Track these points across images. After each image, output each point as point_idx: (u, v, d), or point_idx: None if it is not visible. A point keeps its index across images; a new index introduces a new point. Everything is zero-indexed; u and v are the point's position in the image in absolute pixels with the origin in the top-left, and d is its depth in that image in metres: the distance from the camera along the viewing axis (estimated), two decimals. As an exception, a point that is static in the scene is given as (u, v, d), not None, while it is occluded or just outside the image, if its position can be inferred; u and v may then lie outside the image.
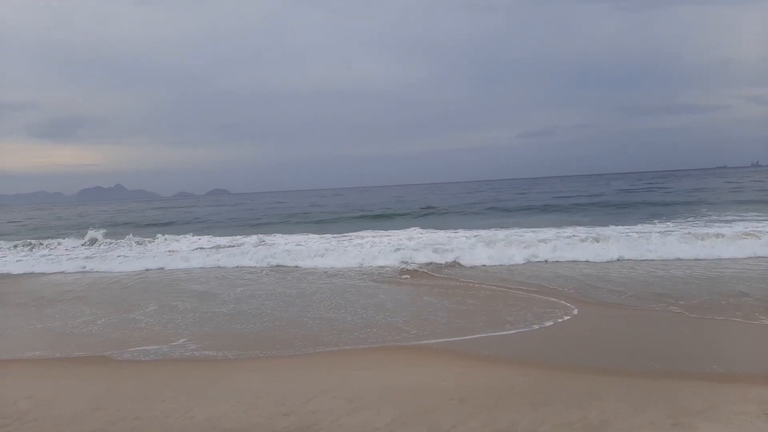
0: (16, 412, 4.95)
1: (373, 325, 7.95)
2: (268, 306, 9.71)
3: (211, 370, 6.27)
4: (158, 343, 7.54)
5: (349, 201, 57.41)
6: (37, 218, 55.27)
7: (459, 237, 16.86)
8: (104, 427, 4.54)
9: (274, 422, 4.53)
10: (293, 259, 14.84)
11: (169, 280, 13.44)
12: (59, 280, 14.67)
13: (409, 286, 11.17)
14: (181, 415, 4.77)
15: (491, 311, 8.43)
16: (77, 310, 10.09)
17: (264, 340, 7.54)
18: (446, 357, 6.36)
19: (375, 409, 4.71)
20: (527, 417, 4.47)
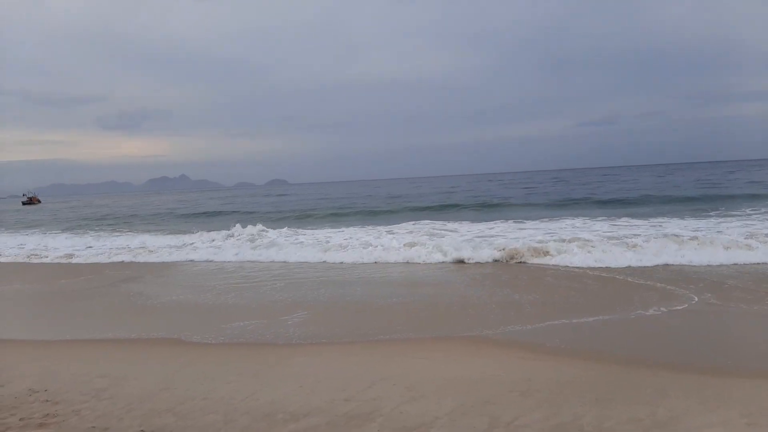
0: (92, 389, 5.22)
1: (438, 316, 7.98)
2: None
3: (274, 354, 6.42)
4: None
5: (442, 191, 55.10)
6: (150, 206, 55.85)
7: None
8: (173, 406, 4.72)
9: (335, 407, 4.60)
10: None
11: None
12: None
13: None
14: (246, 397, 4.91)
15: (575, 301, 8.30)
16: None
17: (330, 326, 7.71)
18: (508, 348, 6.29)
19: (435, 399, 4.71)
20: (592, 411, 4.36)
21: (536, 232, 16.81)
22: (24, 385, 5.39)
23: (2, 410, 4.71)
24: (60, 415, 4.57)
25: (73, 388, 5.26)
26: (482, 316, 7.82)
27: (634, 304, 8.01)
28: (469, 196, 41.49)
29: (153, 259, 16.28)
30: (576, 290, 9.26)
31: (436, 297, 9.34)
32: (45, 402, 4.90)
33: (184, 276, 12.98)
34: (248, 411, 4.57)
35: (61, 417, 4.53)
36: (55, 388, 5.24)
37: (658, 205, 26.03)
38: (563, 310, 7.85)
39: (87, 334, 7.91)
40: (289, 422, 4.32)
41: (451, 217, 23.63)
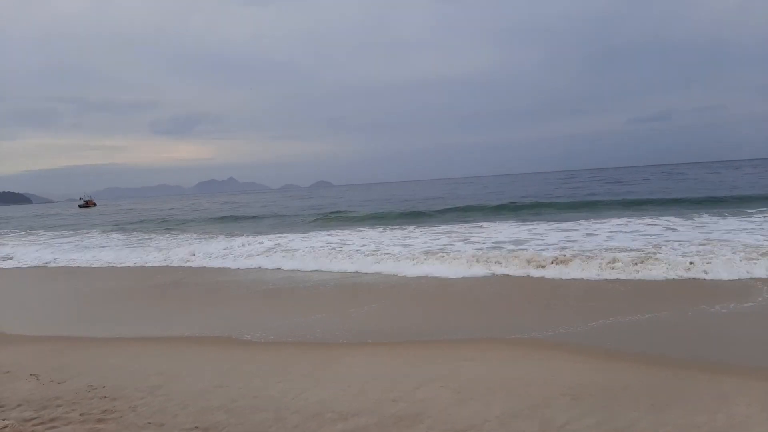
0: (148, 386, 5.39)
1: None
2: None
3: (322, 354, 6.49)
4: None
5: (491, 190, 54.03)
6: (228, 208, 55.46)
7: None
8: (226, 404, 4.83)
9: (383, 407, 4.61)
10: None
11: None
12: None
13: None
14: (295, 396, 4.98)
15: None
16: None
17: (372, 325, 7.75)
18: (557, 351, 6.17)
19: (484, 401, 4.67)
20: (647, 417, 4.24)
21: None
22: (84, 381, 5.61)
23: (63, 405, 4.90)
24: (118, 411, 4.74)
25: (130, 384, 5.44)
26: (531, 317, 7.72)
27: (694, 301, 7.77)
28: (554, 194, 39.81)
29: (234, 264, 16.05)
30: (630, 287, 9.03)
31: (483, 297, 9.27)
32: (103, 398, 5.08)
33: (250, 280, 13.19)
34: (298, 410, 4.63)
35: (118, 413, 4.68)
36: (113, 385, 5.44)
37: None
38: (615, 309, 7.67)
39: (144, 332, 8.17)
40: (338, 422, 4.36)
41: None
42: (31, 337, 8.12)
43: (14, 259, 19.62)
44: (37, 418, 4.60)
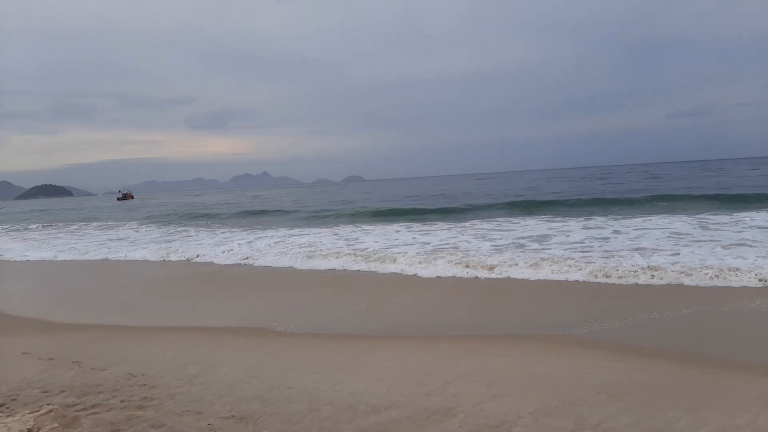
0: (186, 375, 5.51)
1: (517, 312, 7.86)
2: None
3: (355, 347, 6.54)
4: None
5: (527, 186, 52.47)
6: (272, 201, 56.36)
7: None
8: (261, 394, 4.91)
9: (415, 401, 4.62)
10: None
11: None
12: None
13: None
14: (329, 388, 5.03)
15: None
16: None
17: (404, 320, 7.78)
18: (592, 348, 6.08)
19: (517, 397, 4.64)
20: (686, 417, 4.16)
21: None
22: (124, 369, 5.76)
23: (104, 392, 5.05)
24: (156, 398, 4.86)
25: (168, 373, 5.57)
26: (565, 314, 7.64)
27: (733, 299, 7.59)
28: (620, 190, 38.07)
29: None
30: (665, 283, 8.85)
31: (517, 293, 9.20)
32: (143, 386, 5.21)
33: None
34: (331, 401, 4.68)
35: (157, 400, 4.80)
36: (152, 373, 5.58)
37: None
38: (652, 306, 7.52)
39: (181, 322, 8.37)
40: (371, 414, 4.39)
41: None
42: (73, 325, 8.38)
43: (53, 250, 20.20)
44: (79, 403, 4.74)
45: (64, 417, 4.34)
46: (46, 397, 4.93)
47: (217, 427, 4.19)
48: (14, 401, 4.84)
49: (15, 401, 4.84)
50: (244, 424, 4.26)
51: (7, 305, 10.22)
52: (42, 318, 9.03)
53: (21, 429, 4.05)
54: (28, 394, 5.06)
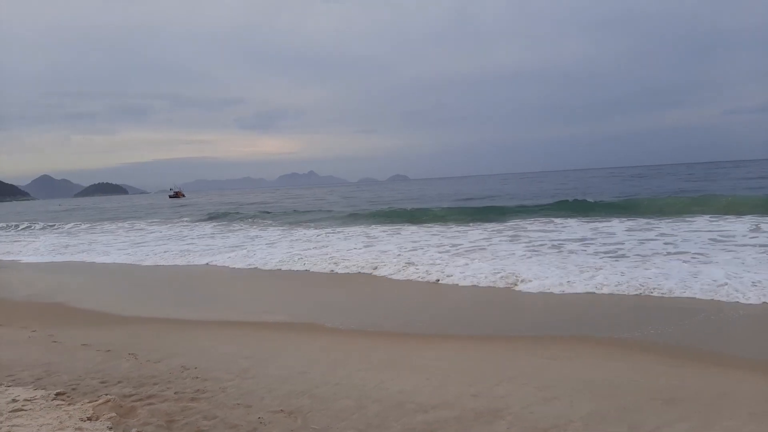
0: (238, 369, 5.62)
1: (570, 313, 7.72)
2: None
3: (402, 345, 6.55)
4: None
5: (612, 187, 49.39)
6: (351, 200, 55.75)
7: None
8: (310, 389, 4.96)
9: (463, 402, 4.58)
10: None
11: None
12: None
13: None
14: (376, 386, 5.04)
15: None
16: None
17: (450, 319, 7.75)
18: (647, 352, 5.91)
19: (568, 401, 4.54)
20: (747, 427, 3.98)
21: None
22: (178, 362, 5.92)
23: (159, 384, 5.20)
24: (209, 391, 4.97)
25: (220, 366, 5.69)
26: (617, 316, 7.45)
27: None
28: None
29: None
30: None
31: (566, 294, 9.02)
32: (195, 378, 5.34)
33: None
34: (379, 399, 4.69)
35: (209, 393, 4.91)
36: (204, 366, 5.71)
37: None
38: (711, 309, 7.26)
39: (232, 317, 8.56)
40: (419, 413, 4.38)
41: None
42: (130, 318, 8.69)
43: (110, 247, 20.93)
44: (135, 394, 4.90)
45: (121, 407, 4.49)
46: (104, 387, 5.11)
47: (266, 420, 4.26)
48: (74, 390, 5.03)
49: (75, 390, 5.03)
50: (293, 418, 4.31)
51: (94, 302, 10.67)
52: (101, 311, 9.39)
53: (81, 417, 4.21)
54: (88, 384, 5.25)
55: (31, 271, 16.06)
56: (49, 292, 11.72)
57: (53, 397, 4.75)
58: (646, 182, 51.31)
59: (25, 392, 4.88)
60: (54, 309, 9.78)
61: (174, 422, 4.22)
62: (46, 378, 5.47)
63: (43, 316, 9.07)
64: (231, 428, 4.11)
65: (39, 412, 4.34)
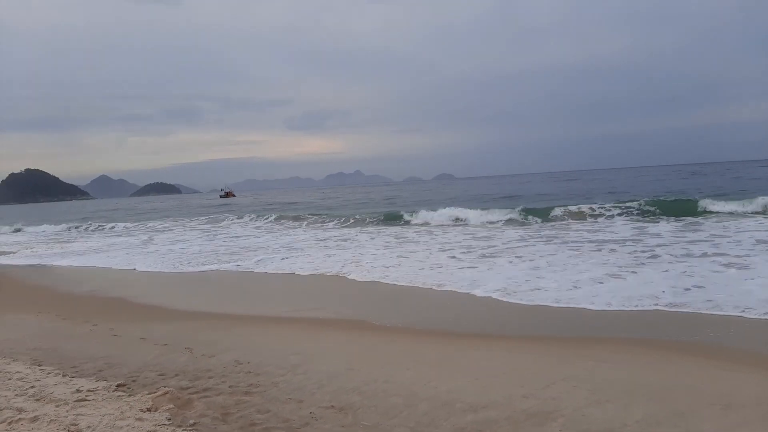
0: (288, 364, 5.74)
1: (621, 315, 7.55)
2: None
3: (450, 344, 6.55)
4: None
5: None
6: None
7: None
8: (359, 386, 5.02)
9: (513, 402, 4.55)
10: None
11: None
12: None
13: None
14: (425, 384, 5.05)
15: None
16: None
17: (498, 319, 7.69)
18: (703, 356, 5.72)
19: (622, 404, 4.45)
20: (814, 436, 3.82)
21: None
22: (231, 356, 6.08)
23: (214, 377, 5.36)
24: (261, 385, 5.09)
25: (271, 362, 5.82)
26: (672, 318, 7.23)
27: None
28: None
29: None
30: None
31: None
32: (248, 373, 5.48)
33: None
34: (428, 398, 4.70)
35: (262, 387, 5.04)
36: (256, 361, 5.85)
37: None
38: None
39: (282, 313, 8.73)
40: (468, 412, 4.37)
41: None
42: (185, 313, 8.98)
43: (179, 244, 21.59)
44: (192, 387, 5.07)
45: (178, 399, 4.65)
46: (162, 380, 5.31)
47: (318, 416, 4.34)
48: (134, 382, 5.25)
49: (135, 382, 5.24)
50: (343, 414, 4.38)
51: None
52: (157, 305, 9.74)
53: (141, 408, 4.38)
54: (146, 376, 5.46)
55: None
56: (111, 287, 12.21)
57: (114, 388, 4.96)
58: (712, 180, 48.78)
59: (88, 383, 5.12)
60: (114, 304, 10.19)
61: (229, 415, 4.35)
62: (107, 370, 5.72)
63: (104, 310, 9.46)
64: (284, 422, 4.21)
65: (101, 403, 4.54)
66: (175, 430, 3.91)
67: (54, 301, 10.74)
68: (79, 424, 3.95)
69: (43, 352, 6.55)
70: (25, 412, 4.22)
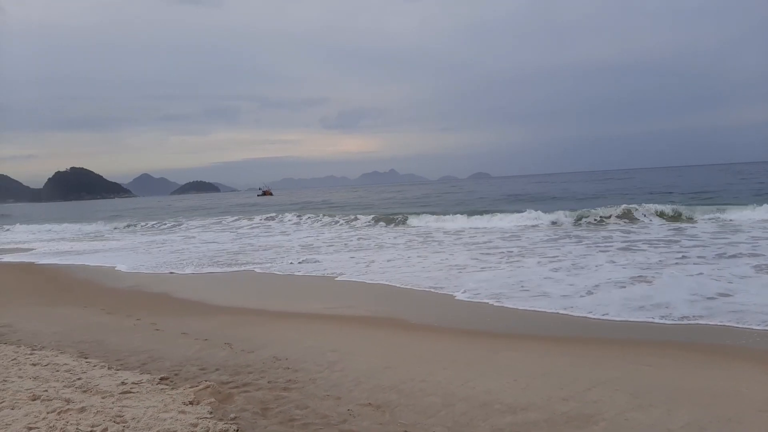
0: (325, 361, 5.79)
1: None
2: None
3: (486, 344, 6.50)
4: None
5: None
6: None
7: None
8: (396, 384, 5.03)
9: (553, 405, 4.48)
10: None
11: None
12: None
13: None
14: (462, 384, 5.03)
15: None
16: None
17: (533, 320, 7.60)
18: (752, 361, 5.53)
19: (665, 409, 4.34)
20: None
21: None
22: (269, 352, 6.17)
23: (254, 373, 5.44)
24: (300, 381, 5.15)
25: (309, 359, 5.88)
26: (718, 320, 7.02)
27: None
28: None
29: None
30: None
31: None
32: (287, 369, 5.55)
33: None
34: (465, 398, 4.68)
35: (300, 383, 5.09)
36: (294, 358, 5.92)
37: None
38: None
39: (318, 310, 8.82)
40: (507, 414, 4.33)
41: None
42: (224, 308, 9.15)
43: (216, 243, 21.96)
44: (232, 381, 5.16)
45: (219, 393, 4.75)
46: (203, 374, 5.42)
47: (356, 413, 4.36)
48: (177, 376, 5.37)
49: (177, 376, 5.37)
50: (381, 412, 4.39)
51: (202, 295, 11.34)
52: (199, 300, 9.95)
53: (183, 401, 4.48)
54: (188, 370, 5.58)
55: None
56: (152, 283, 12.51)
57: (158, 382, 5.09)
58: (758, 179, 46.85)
59: (133, 376, 5.26)
60: (156, 299, 10.44)
61: (269, 410, 4.41)
62: (151, 363, 5.87)
63: (147, 305, 9.70)
64: (322, 418, 4.24)
65: (145, 395, 4.66)
66: (217, 423, 3.98)
67: (99, 295, 11.06)
68: (124, 416, 4.06)
69: (89, 344, 6.76)
70: (72, 402, 4.36)
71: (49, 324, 8.13)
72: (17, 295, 11.43)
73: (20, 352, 6.18)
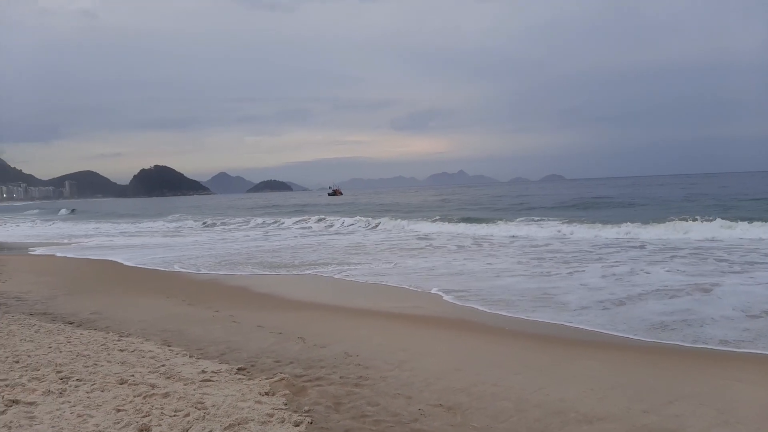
0: (395, 360, 5.81)
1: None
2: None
3: (559, 351, 6.33)
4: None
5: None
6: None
7: None
8: (467, 387, 4.97)
9: (632, 417, 4.31)
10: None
11: None
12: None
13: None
14: (535, 390, 4.91)
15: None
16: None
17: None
18: None
19: (754, 427, 4.08)
20: None
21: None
22: (341, 348, 6.25)
23: (326, 367, 5.54)
24: (371, 378, 5.19)
25: (379, 356, 5.92)
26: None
27: None
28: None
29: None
30: None
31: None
32: (358, 365, 5.61)
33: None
34: (539, 404, 4.57)
35: (371, 380, 5.13)
36: (365, 355, 5.98)
37: None
38: None
39: (387, 308, 8.89)
40: (583, 423, 4.20)
41: None
42: (297, 303, 9.38)
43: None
44: (305, 375, 5.26)
45: (293, 386, 4.86)
46: (278, 366, 5.56)
47: (427, 413, 4.35)
48: (253, 367, 5.54)
49: (254, 367, 5.53)
50: (452, 414, 4.36)
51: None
52: (273, 295, 10.23)
53: (260, 392, 4.62)
54: (264, 362, 5.74)
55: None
56: (229, 278, 12.96)
57: (235, 371, 5.27)
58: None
59: (212, 365, 5.47)
60: (234, 292, 10.82)
61: (341, 405, 4.48)
62: (229, 354, 6.08)
63: (225, 297, 10.06)
64: (393, 416, 4.26)
65: (224, 384, 4.84)
66: (291, 415, 4.08)
67: (180, 287, 11.58)
68: (204, 402, 4.24)
69: (172, 333, 7.08)
70: (157, 387, 4.59)
71: (136, 313, 8.56)
72: (102, 286, 12.07)
73: (109, 338, 6.56)
